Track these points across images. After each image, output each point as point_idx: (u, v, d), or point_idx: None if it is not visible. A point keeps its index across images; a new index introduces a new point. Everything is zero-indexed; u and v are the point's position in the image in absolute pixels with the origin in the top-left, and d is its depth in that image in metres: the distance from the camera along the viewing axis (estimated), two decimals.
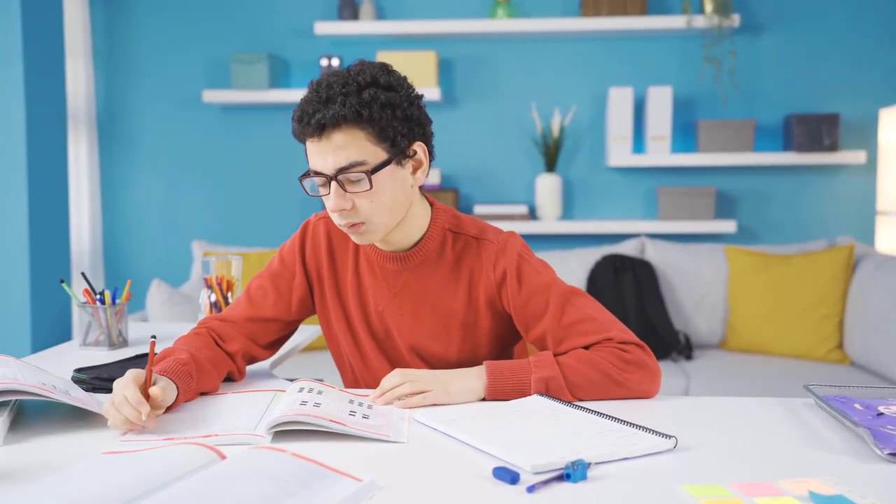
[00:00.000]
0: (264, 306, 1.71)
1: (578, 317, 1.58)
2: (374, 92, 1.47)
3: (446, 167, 4.08)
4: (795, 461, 1.22)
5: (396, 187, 1.54)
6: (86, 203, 4.06)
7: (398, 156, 1.52)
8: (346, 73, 1.50)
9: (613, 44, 4.05)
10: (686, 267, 3.71)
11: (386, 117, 1.48)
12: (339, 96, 1.45)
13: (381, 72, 1.51)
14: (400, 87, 1.52)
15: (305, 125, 1.48)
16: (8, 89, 3.39)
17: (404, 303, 1.65)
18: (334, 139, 1.47)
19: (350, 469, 1.15)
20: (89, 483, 1.06)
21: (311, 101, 1.47)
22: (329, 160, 1.48)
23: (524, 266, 1.61)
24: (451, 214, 1.68)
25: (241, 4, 4.11)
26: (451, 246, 1.64)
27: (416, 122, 1.54)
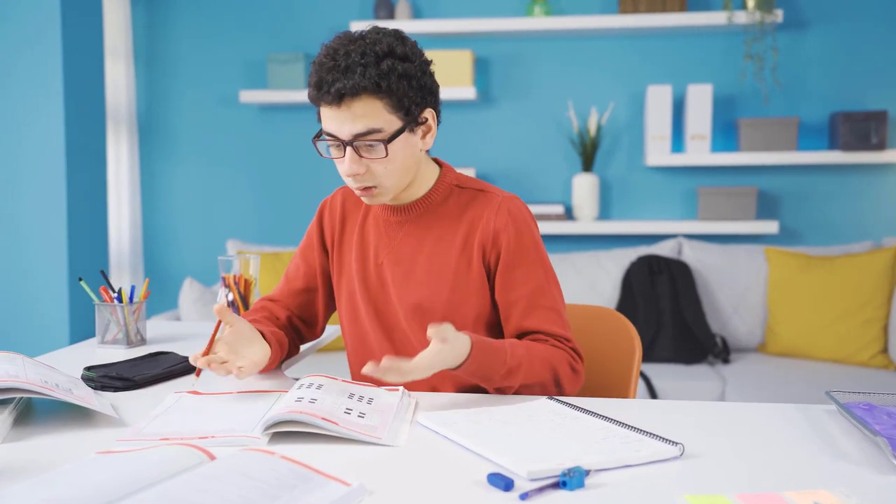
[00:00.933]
0: (297, 277, 1.81)
1: (551, 304, 1.63)
2: (391, 63, 1.50)
3: (482, 166, 4.05)
4: (808, 472, 1.17)
5: (408, 153, 1.59)
6: (126, 202, 4.10)
7: (411, 123, 1.57)
8: (363, 42, 1.51)
9: (651, 41, 3.98)
10: (725, 268, 3.63)
11: (402, 88, 1.51)
12: (358, 66, 1.48)
13: (397, 41, 1.54)
14: (415, 57, 1.55)
15: (325, 93, 1.50)
16: (48, 90, 3.44)
17: (402, 251, 1.69)
18: (353, 108, 1.50)
19: (342, 472, 1.12)
20: (76, 482, 1.05)
21: (330, 69, 1.49)
22: (346, 127, 1.52)
23: (525, 231, 1.64)
24: (460, 174, 1.72)
25: (277, 5, 4.12)
26: (455, 198, 1.68)
27: (429, 91, 1.58)
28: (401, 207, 1.68)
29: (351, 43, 1.51)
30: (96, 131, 3.70)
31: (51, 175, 3.46)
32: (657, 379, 3.19)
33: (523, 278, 1.62)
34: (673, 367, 3.37)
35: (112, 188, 4.02)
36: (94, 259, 3.66)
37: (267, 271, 3.56)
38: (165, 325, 2.31)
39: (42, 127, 3.46)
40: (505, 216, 1.62)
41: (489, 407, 1.45)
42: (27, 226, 3.50)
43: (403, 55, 1.52)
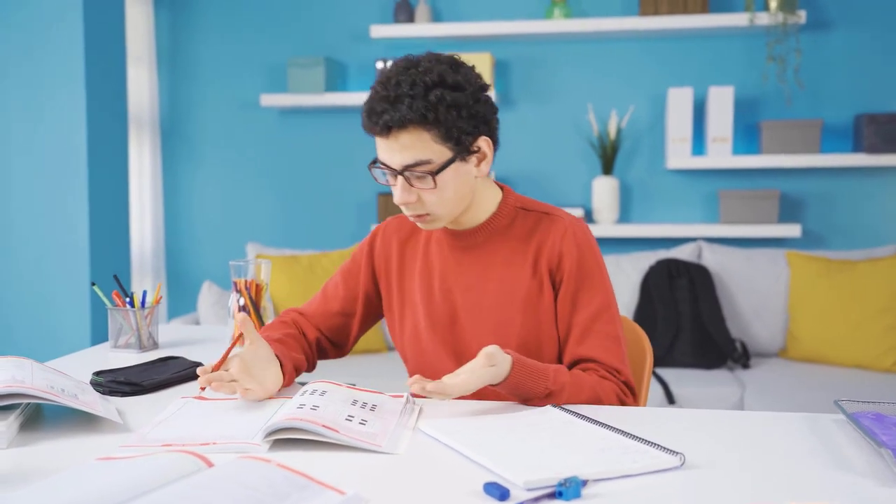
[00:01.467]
0: (335, 300, 1.80)
1: (607, 331, 1.61)
2: (440, 93, 1.49)
3: (501, 169, 4.04)
4: (810, 483, 1.15)
5: (460, 182, 1.58)
6: (148, 205, 4.14)
7: (463, 153, 1.55)
8: (415, 71, 1.50)
9: (672, 43, 3.95)
10: (745, 272, 3.60)
11: (451, 118, 1.50)
12: (406, 97, 1.48)
13: (450, 69, 1.52)
14: (467, 85, 1.53)
15: (374, 124, 1.52)
16: (70, 94, 3.48)
17: (471, 276, 1.67)
18: (401, 139, 1.51)
19: (341, 480, 1.13)
20: (74, 489, 1.05)
21: (380, 99, 1.50)
22: (396, 157, 1.53)
23: (588, 253, 1.63)
24: (522, 197, 1.71)
25: (298, 9, 4.14)
26: (521, 221, 1.67)
27: (482, 120, 1.56)
28: (465, 232, 1.67)
29: (403, 72, 1.50)
30: (118, 135, 3.73)
31: (73, 179, 3.50)
32: (676, 384, 3.16)
33: (584, 303, 1.61)
34: (692, 372, 3.34)
35: (134, 192, 4.05)
36: (115, 263, 3.69)
37: (286, 274, 3.58)
38: (180, 328, 2.33)
39: (64, 131, 3.50)
40: (571, 239, 1.62)
41: (493, 415, 1.45)
42: (49, 229, 3.54)
43: (455, 84, 1.50)
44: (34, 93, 3.51)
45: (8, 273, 3.58)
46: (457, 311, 1.67)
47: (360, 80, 4.12)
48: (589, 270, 1.62)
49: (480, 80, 1.57)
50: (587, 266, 1.62)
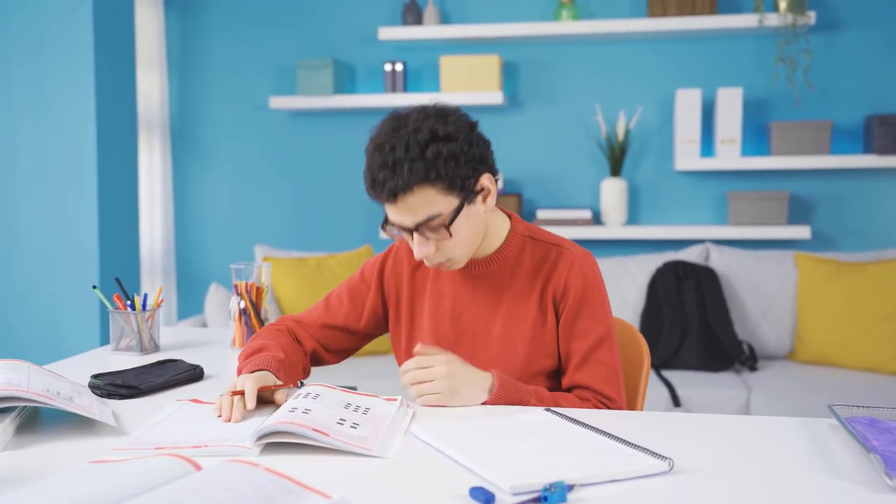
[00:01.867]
0: (338, 314, 1.80)
1: (604, 360, 1.65)
2: (436, 148, 1.51)
3: (509, 172, 4.04)
4: (798, 488, 1.15)
5: (473, 222, 1.61)
6: (158, 208, 4.16)
7: (469, 197, 1.58)
8: (406, 132, 1.52)
9: (681, 44, 3.94)
10: (752, 274, 3.58)
11: (451, 169, 1.53)
12: (405, 162, 1.50)
13: (439, 122, 1.53)
14: (459, 132, 1.55)
15: (379, 193, 1.54)
16: (80, 98, 3.50)
17: (482, 306, 1.70)
18: (408, 202, 1.53)
19: (329, 484, 1.13)
20: (62, 493, 1.06)
21: (380, 167, 1.52)
22: (407, 218, 1.55)
23: (593, 284, 1.67)
24: (530, 225, 1.75)
25: (306, 12, 4.15)
26: (530, 251, 1.70)
27: (480, 160, 1.58)
28: (476, 262, 1.70)
29: (394, 134, 1.52)
30: (128, 138, 3.75)
31: (82, 181, 3.52)
32: (682, 387, 3.15)
33: (584, 331, 1.65)
34: (698, 374, 3.33)
35: (145, 194, 4.07)
36: (124, 265, 3.71)
37: (293, 276, 3.59)
38: (182, 331, 2.34)
39: (74, 133, 3.52)
40: (578, 271, 1.65)
41: (486, 418, 1.45)
42: (58, 232, 3.56)
43: (447, 136, 1.52)
44: (43, 95, 3.54)
45: (16, 275, 3.61)
46: (462, 338, 1.71)
47: (368, 81, 4.13)
48: (592, 301, 1.66)
49: (468, 120, 1.59)
50: (591, 296, 1.66)
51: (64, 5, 3.49)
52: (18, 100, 3.56)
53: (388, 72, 3.98)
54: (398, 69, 3.97)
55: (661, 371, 3.34)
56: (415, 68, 4.09)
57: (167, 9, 4.23)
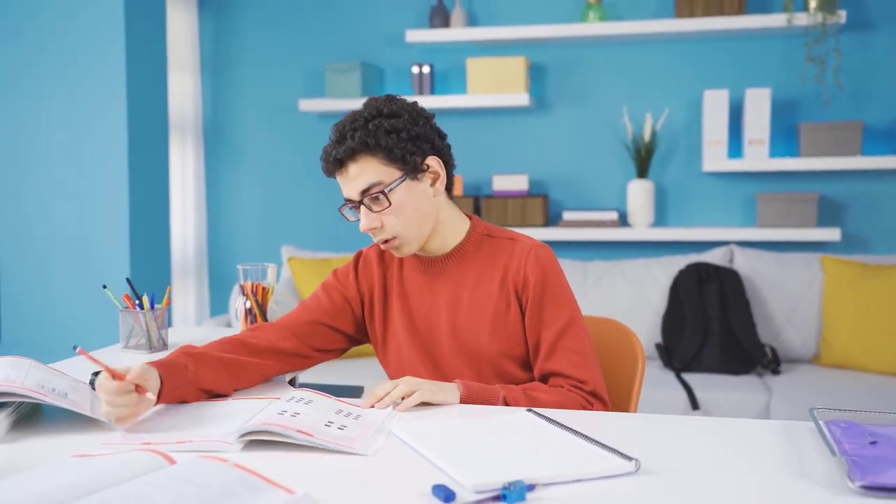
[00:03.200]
0: (317, 311, 1.82)
1: (573, 345, 1.69)
2: (378, 122, 1.65)
3: (535, 173, 4.04)
4: (761, 490, 1.15)
5: (418, 200, 1.69)
6: (191, 209, 4.24)
7: (412, 172, 1.67)
8: (356, 113, 1.69)
9: (708, 45, 3.91)
10: (777, 277, 3.54)
11: (392, 140, 1.64)
12: (349, 132, 1.65)
13: (385, 102, 1.69)
14: (403, 112, 1.68)
15: (328, 163, 1.68)
16: (111, 100, 3.58)
17: (444, 300, 1.76)
18: (351, 170, 1.66)
19: (296, 480, 1.16)
20: (38, 484, 1.10)
21: (330, 143, 1.68)
22: (353, 187, 1.67)
23: (552, 275, 1.72)
24: (490, 225, 1.81)
25: (335, 15, 4.20)
26: (487, 246, 1.77)
27: (424, 139, 1.68)
28: (436, 259, 1.77)
29: (348, 117, 1.68)
30: (159, 141, 3.83)
31: (114, 184, 3.60)
32: (701, 389, 3.13)
33: (549, 320, 1.69)
34: (719, 377, 3.30)
35: (178, 196, 4.16)
36: (155, 265, 3.79)
37: (317, 277, 3.64)
38: (193, 330, 2.40)
39: (106, 137, 3.60)
40: (534, 261, 1.71)
41: (469, 419, 1.47)
42: (92, 233, 3.65)
43: (390, 113, 1.66)
44: (75, 96, 3.62)
45: (49, 273, 3.70)
46: (433, 335, 1.77)
47: (396, 84, 4.17)
48: (553, 289, 1.71)
49: (420, 109, 1.71)
50: (551, 284, 1.71)
51: (96, 8, 3.57)
52: (53, 102, 3.65)
53: (415, 74, 4.01)
54: (425, 71, 4.00)
55: (682, 373, 3.32)
56: (442, 70, 4.12)
57: (201, 13, 4.31)
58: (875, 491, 1.09)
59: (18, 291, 3.73)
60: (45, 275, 3.72)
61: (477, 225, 1.79)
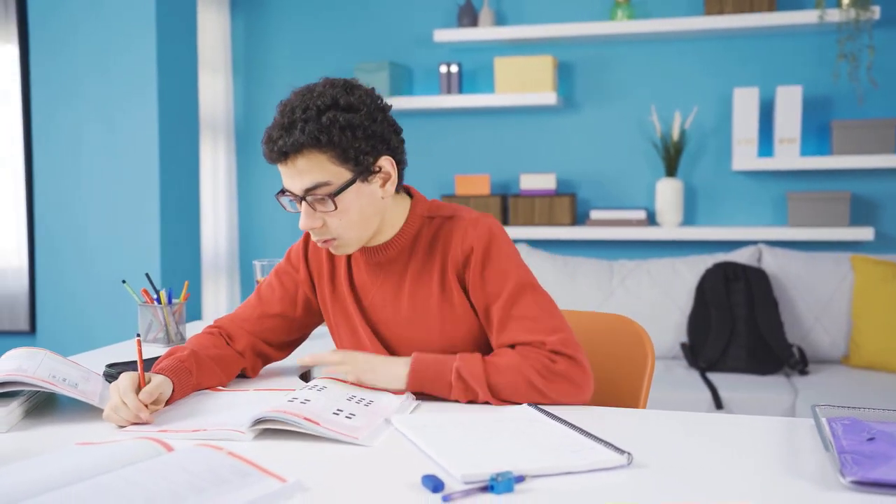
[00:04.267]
0: (272, 301, 1.77)
1: (525, 312, 1.58)
2: (333, 115, 1.49)
3: (563, 172, 4.03)
4: (750, 484, 1.14)
5: (364, 203, 1.57)
6: (223, 209, 4.30)
7: (363, 174, 1.55)
8: (309, 97, 1.52)
9: (738, 42, 3.87)
10: (807, 276, 3.50)
11: (346, 139, 1.50)
12: (299, 122, 1.49)
13: (343, 92, 1.53)
14: (361, 106, 1.53)
15: (271, 151, 1.53)
16: (142, 100, 3.64)
17: (386, 295, 1.68)
18: (298, 164, 1.51)
19: (296, 469, 1.18)
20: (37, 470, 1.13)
21: (276, 127, 1.52)
22: (296, 183, 1.53)
23: (492, 246, 1.61)
24: (430, 203, 1.70)
25: (364, 15, 4.23)
26: (426, 230, 1.67)
27: (380, 139, 1.55)
28: (376, 248, 1.67)
29: (298, 99, 1.52)
30: (189, 140, 3.88)
31: (145, 182, 3.66)
32: (726, 389, 3.10)
33: (494, 292, 1.60)
34: (745, 377, 3.26)
35: (209, 196, 4.21)
36: (185, 264, 3.84)
37: None
38: None
39: (137, 136, 3.66)
40: (470, 236, 1.61)
41: (470, 413, 1.47)
42: (122, 231, 3.71)
43: (348, 106, 1.51)
44: (109, 98, 3.69)
45: (85, 271, 3.77)
46: (383, 325, 1.69)
47: (425, 84, 4.19)
48: (494, 260, 1.60)
49: (379, 102, 1.57)
50: (491, 257, 1.60)
51: (128, 12, 3.63)
52: (85, 103, 3.72)
53: (443, 74, 4.02)
54: (453, 71, 4.01)
55: (707, 373, 3.30)
56: (470, 70, 4.13)
57: (233, 14, 4.37)
58: (866, 486, 1.08)
59: (53, 287, 3.81)
60: (78, 271, 3.79)
61: (416, 206, 1.67)
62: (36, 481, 1.07)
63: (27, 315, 3.93)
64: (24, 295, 3.93)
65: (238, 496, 1.08)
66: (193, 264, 3.91)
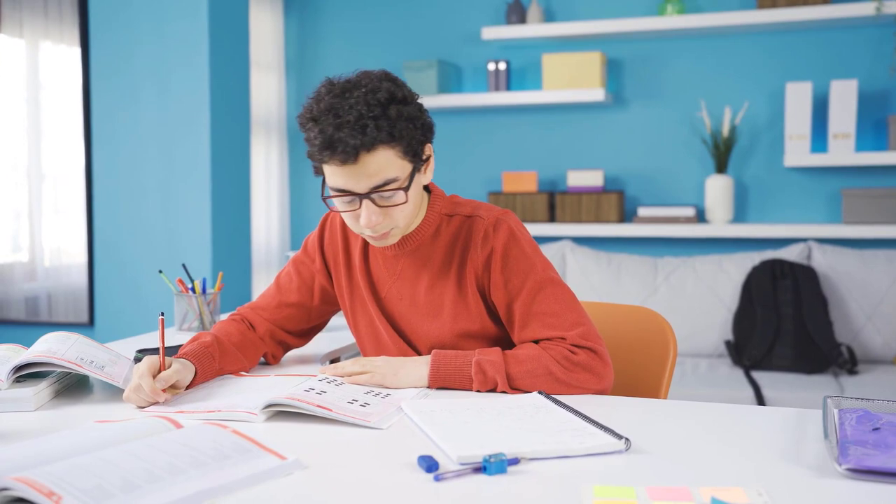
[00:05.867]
0: (289, 291, 1.80)
1: (545, 308, 1.59)
2: (397, 109, 1.48)
3: (611, 169, 4.01)
4: (745, 470, 1.14)
5: (417, 192, 1.60)
6: (275, 205, 4.38)
7: (419, 164, 1.57)
8: (362, 92, 1.48)
9: (790, 36, 3.80)
10: (858, 274, 3.42)
11: (409, 131, 1.50)
12: (368, 120, 1.45)
13: (393, 84, 1.52)
14: (413, 97, 1.55)
15: (339, 152, 1.46)
16: (195, 100, 3.73)
17: (403, 287, 1.69)
18: (367, 162, 1.48)
19: (298, 448, 1.21)
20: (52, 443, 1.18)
21: (338, 126, 1.46)
22: (362, 182, 1.50)
23: (512, 245, 1.61)
24: (448, 199, 1.70)
25: (413, 14, 4.27)
26: (445, 227, 1.67)
27: (429, 127, 1.57)
28: (398, 240, 1.66)
29: (348, 95, 1.48)
30: (241, 139, 3.96)
31: (197, 180, 3.74)
32: (770, 388, 3.05)
33: (515, 290, 1.60)
34: (790, 376, 3.21)
35: (262, 192, 4.30)
36: (235, 259, 3.92)
37: None
38: None
39: (189, 135, 3.75)
40: (492, 240, 1.61)
41: (479, 400, 1.49)
42: (176, 227, 3.80)
43: (403, 98, 1.51)
44: (162, 99, 3.78)
45: (138, 266, 3.88)
46: (395, 318, 1.71)
47: (473, 81, 4.21)
48: (514, 260, 1.60)
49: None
50: (511, 255, 1.60)
51: (181, 15, 3.72)
52: (143, 104, 3.82)
53: (491, 71, 4.03)
54: (501, 68, 4.02)
55: (751, 371, 3.25)
56: (518, 67, 4.13)
57: (287, 15, 4.45)
58: (862, 474, 1.07)
59: (110, 282, 3.93)
60: (133, 266, 3.89)
61: (436, 202, 1.68)
62: (46, 453, 1.12)
63: (87, 308, 4.05)
64: (84, 289, 4.06)
65: (236, 471, 1.11)
66: (244, 258, 3.99)
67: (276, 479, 1.12)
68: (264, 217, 4.33)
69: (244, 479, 1.10)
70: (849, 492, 1.05)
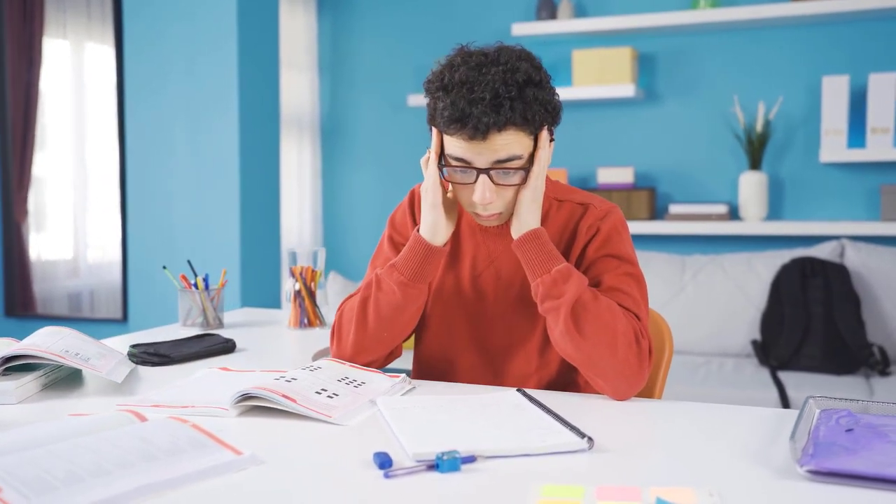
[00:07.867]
0: None
1: (630, 291, 1.54)
2: (533, 92, 1.46)
3: (642, 165, 3.95)
4: (705, 471, 1.10)
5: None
6: (307, 203, 4.40)
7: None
8: (501, 70, 1.46)
9: (827, 29, 3.70)
10: (893, 273, 3.31)
11: (541, 114, 1.49)
12: (505, 100, 1.43)
13: (532, 67, 1.49)
14: (547, 80, 1.52)
15: (469, 128, 1.44)
16: (224, 98, 3.76)
17: (503, 266, 1.64)
18: (496, 141, 1.46)
19: (257, 443, 1.21)
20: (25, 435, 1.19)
21: (473, 102, 1.43)
22: (485, 157, 1.47)
23: (615, 235, 1.59)
24: (554, 183, 1.66)
25: (444, 11, 4.25)
26: (555, 212, 1.63)
27: (558, 112, 1.55)
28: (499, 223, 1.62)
29: (485, 70, 1.46)
30: (270, 137, 3.99)
31: (226, 179, 3.77)
32: (796, 389, 2.97)
33: (604, 268, 1.56)
34: (818, 377, 3.12)
35: (294, 191, 4.32)
36: (264, 256, 3.95)
37: None
38: (251, 311, 2.49)
39: (218, 133, 3.78)
40: (597, 227, 1.59)
41: (457, 396, 1.46)
42: (205, 226, 3.84)
43: (539, 81, 1.48)
44: (193, 98, 3.82)
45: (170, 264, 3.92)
46: (481, 299, 1.65)
47: None
48: (615, 245, 1.58)
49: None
50: (613, 241, 1.58)
51: (212, 16, 3.75)
52: (171, 102, 3.87)
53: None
54: None
55: (778, 372, 3.17)
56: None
57: (320, 15, 4.47)
58: (822, 476, 1.03)
59: (142, 278, 3.98)
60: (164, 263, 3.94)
61: (545, 186, 1.61)
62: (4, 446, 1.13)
63: (120, 304, 4.12)
64: (118, 285, 4.13)
65: (188, 465, 1.11)
66: (273, 257, 4.02)
67: (229, 475, 1.12)
68: (296, 217, 4.36)
69: (194, 473, 1.10)
70: (807, 494, 1.01)
